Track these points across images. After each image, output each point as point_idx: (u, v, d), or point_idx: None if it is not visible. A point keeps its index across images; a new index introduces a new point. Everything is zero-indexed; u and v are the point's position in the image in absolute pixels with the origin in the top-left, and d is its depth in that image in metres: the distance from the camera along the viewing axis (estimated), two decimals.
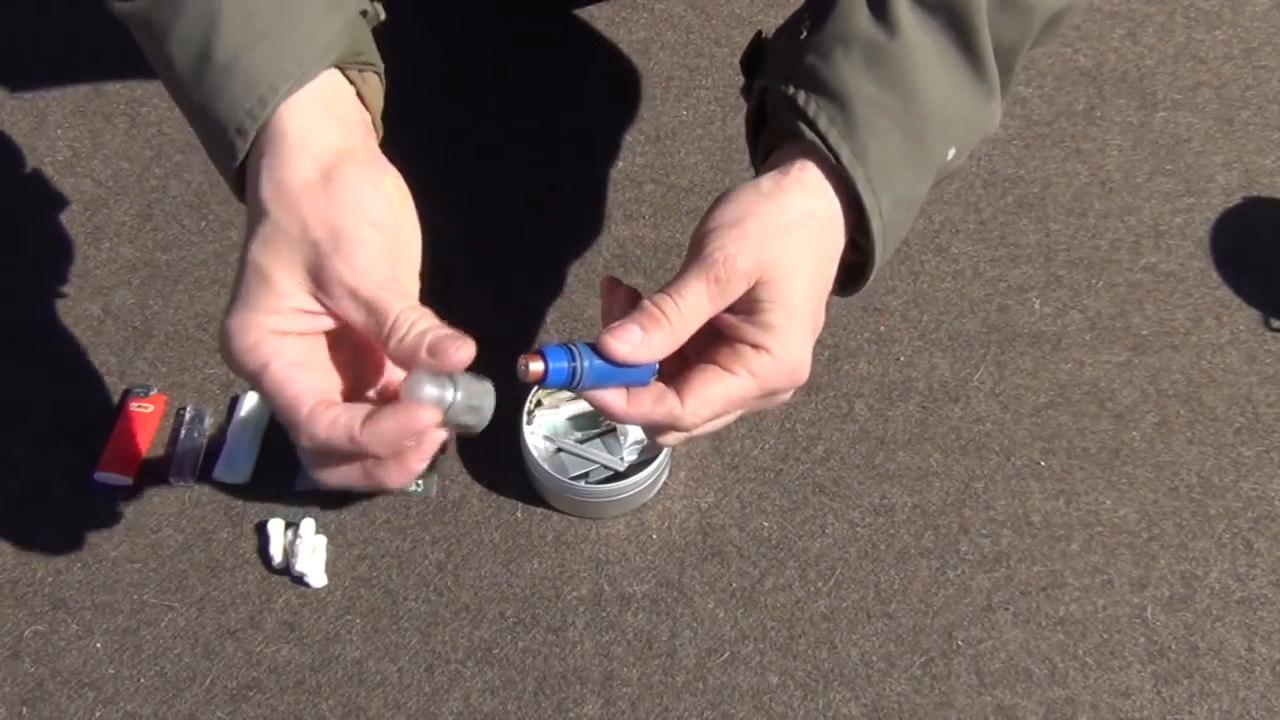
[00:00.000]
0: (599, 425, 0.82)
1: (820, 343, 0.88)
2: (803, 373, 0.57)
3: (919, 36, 0.57)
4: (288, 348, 0.52)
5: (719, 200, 0.57)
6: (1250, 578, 0.81)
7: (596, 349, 0.54)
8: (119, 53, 1.02)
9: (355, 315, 0.52)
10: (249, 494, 0.84)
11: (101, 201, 0.95)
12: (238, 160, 0.55)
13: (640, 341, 0.53)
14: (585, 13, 1.04)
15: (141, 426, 0.85)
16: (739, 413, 0.58)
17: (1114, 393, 0.87)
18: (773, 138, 0.60)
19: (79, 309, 0.91)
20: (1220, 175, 0.96)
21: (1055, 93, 1.00)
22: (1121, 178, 0.96)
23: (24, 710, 0.77)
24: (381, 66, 0.60)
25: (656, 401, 0.55)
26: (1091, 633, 0.79)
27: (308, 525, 0.82)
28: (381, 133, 0.60)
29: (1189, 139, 0.98)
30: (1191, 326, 0.90)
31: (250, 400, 0.86)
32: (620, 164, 0.97)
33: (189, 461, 0.84)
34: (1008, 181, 0.96)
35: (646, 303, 0.55)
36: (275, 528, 0.82)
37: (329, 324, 0.54)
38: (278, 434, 0.85)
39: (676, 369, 0.57)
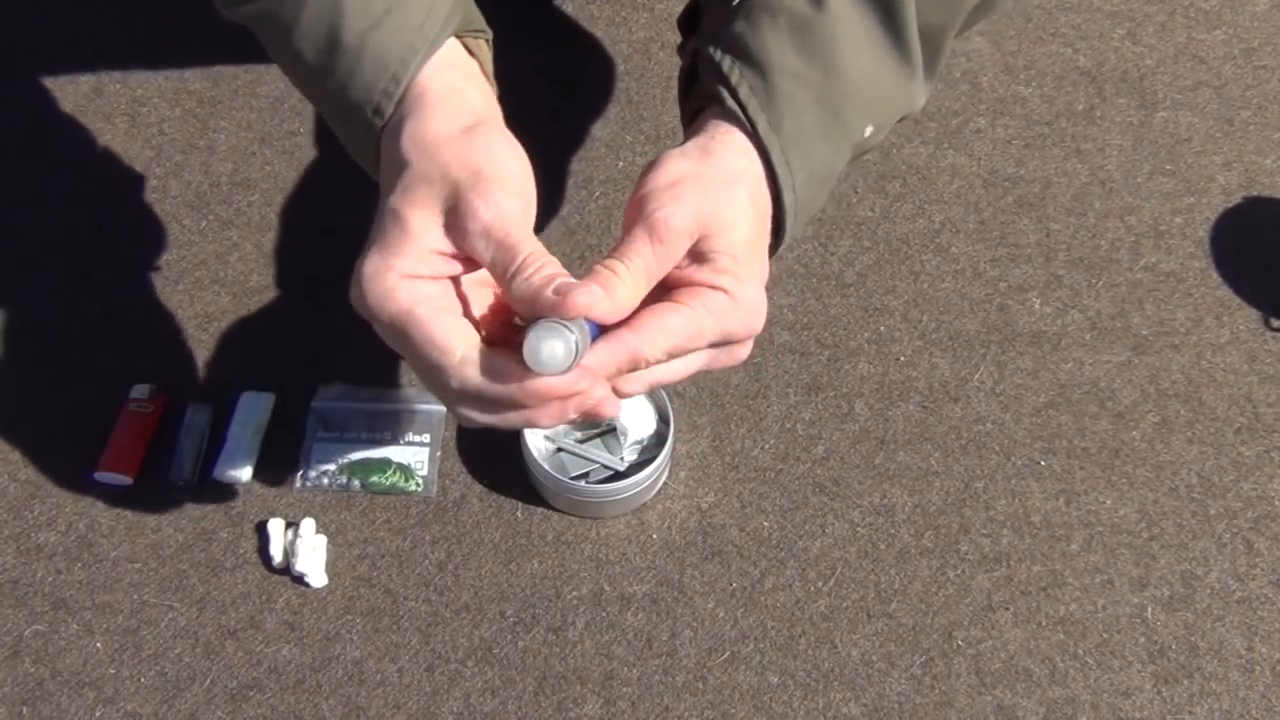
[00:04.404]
0: (599, 425, 0.82)
1: (820, 343, 0.89)
2: (758, 318, 0.56)
3: (846, 12, 0.57)
4: (426, 291, 0.53)
5: (649, 167, 0.57)
6: (1250, 578, 0.81)
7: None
8: (119, 53, 1.02)
9: (485, 253, 0.53)
10: (249, 494, 0.84)
11: (102, 201, 0.95)
12: (378, 134, 0.57)
13: (602, 296, 0.52)
14: (585, 13, 1.04)
15: (141, 426, 0.85)
16: (701, 362, 0.57)
17: (1114, 393, 0.87)
18: (699, 99, 0.60)
19: (79, 309, 0.91)
20: (1220, 175, 0.96)
21: (1055, 93, 1.00)
22: (1121, 178, 0.96)
23: (24, 710, 0.77)
24: (490, 32, 0.62)
25: (611, 340, 0.53)
26: (1091, 633, 0.79)
27: (308, 525, 0.82)
28: (497, 91, 0.61)
29: (1189, 139, 0.98)
30: (1191, 326, 0.90)
31: (250, 400, 0.86)
32: (620, 164, 0.97)
33: (189, 461, 0.84)
34: (1008, 181, 0.96)
35: (597, 266, 0.54)
36: (275, 528, 0.82)
37: (458, 269, 0.54)
38: (278, 434, 0.85)
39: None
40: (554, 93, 1.00)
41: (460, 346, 0.52)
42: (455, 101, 0.57)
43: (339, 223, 0.93)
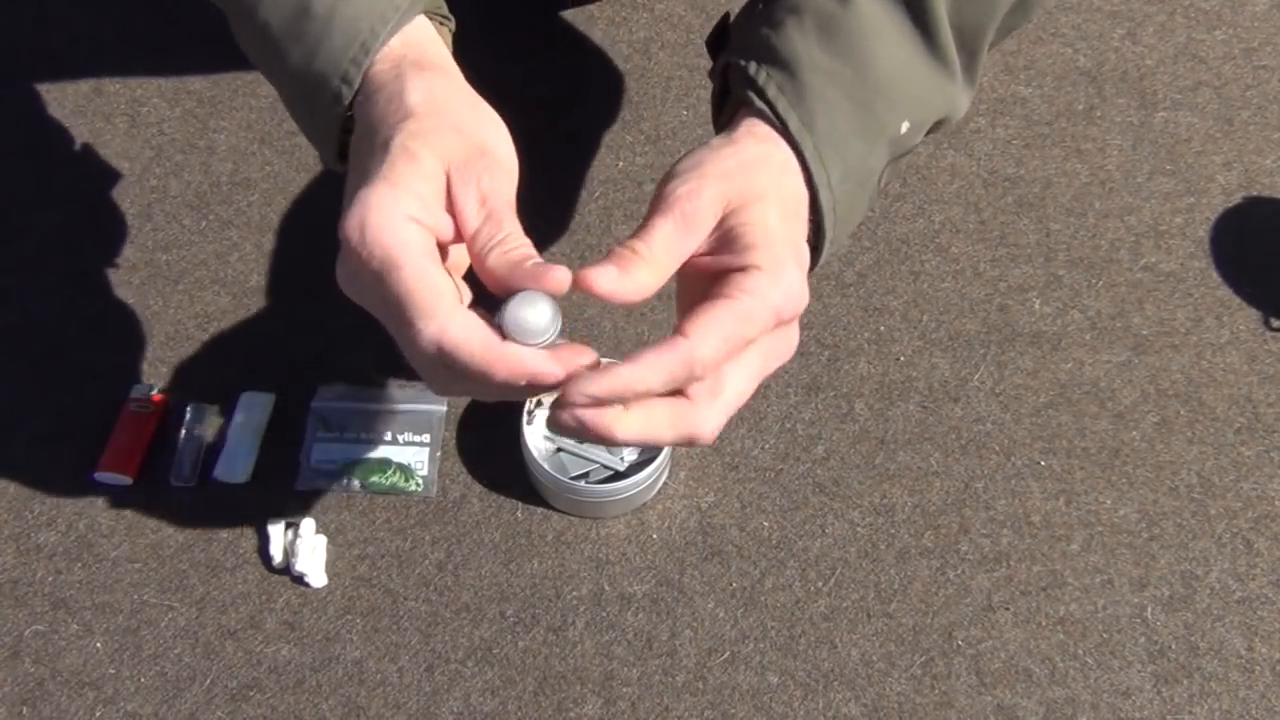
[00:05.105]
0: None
1: (820, 343, 0.89)
2: (800, 293, 0.53)
3: (872, 7, 0.57)
4: (423, 238, 0.51)
5: (673, 164, 0.56)
6: (1250, 578, 0.81)
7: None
8: (119, 53, 1.02)
9: (474, 219, 0.52)
10: (249, 494, 0.84)
11: (102, 201, 0.95)
12: (344, 106, 0.55)
13: (619, 276, 0.51)
14: (585, 13, 1.04)
15: (141, 426, 0.85)
16: (759, 362, 0.53)
17: (1114, 393, 0.87)
18: (731, 111, 0.60)
19: (79, 309, 0.91)
20: (1220, 175, 0.96)
21: (1055, 93, 1.00)
22: (1121, 178, 0.96)
23: (24, 710, 0.77)
24: (454, 21, 0.61)
25: (662, 347, 0.49)
26: (1091, 633, 0.79)
27: (308, 525, 0.82)
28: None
29: (1189, 139, 0.98)
30: (1191, 326, 0.90)
31: (250, 400, 0.86)
32: (620, 164, 0.97)
33: (189, 461, 0.84)
34: (1008, 181, 0.96)
35: (616, 247, 0.52)
36: (275, 528, 0.82)
37: (448, 233, 0.53)
38: (278, 434, 0.85)
39: None
40: (554, 93, 1.00)
41: (448, 299, 0.50)
42: (455, 72, 0.57)
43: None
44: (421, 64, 0.55)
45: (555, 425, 0.51)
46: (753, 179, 0.54)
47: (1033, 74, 1.01)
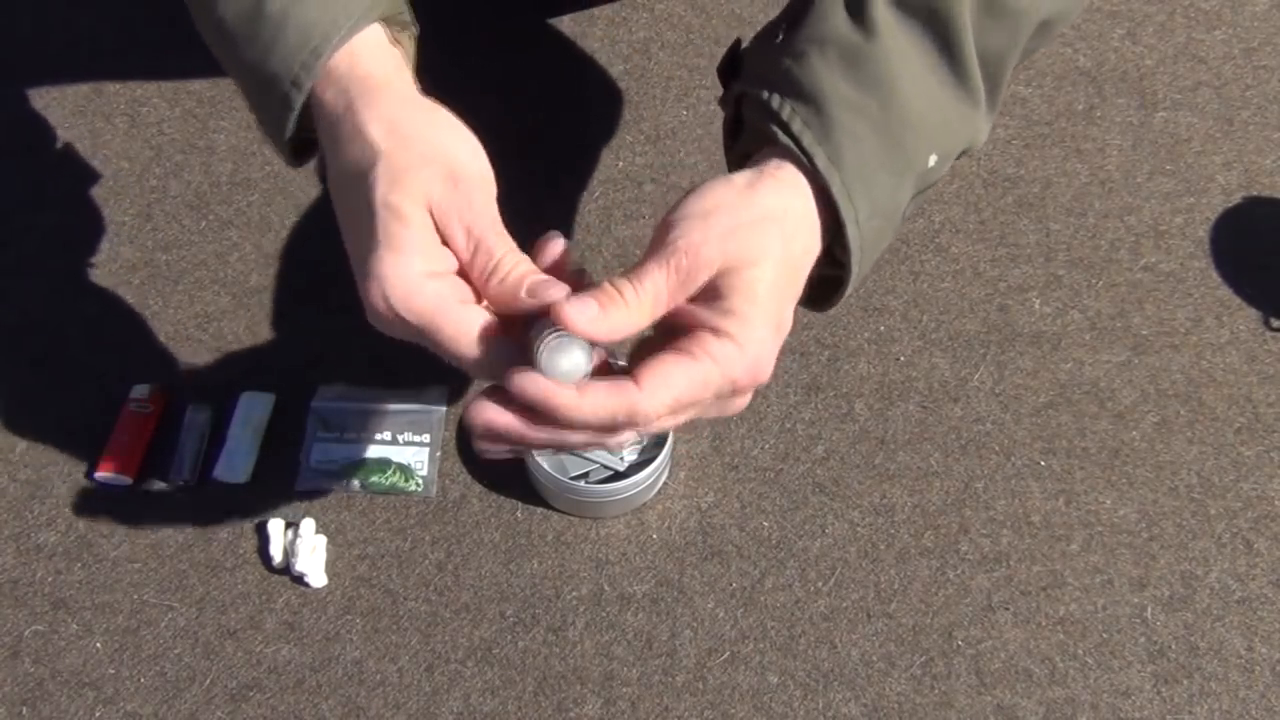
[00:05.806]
0: None
1: (820, 343, 0.89)
2: (765, 367, 0.53)
3: (898, 38, 0.55)
4: (446, 288, 0.52)
5: (689, 192, 0.55)
6: (1250, 578, 0.81)
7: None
8: (119, 53, 1.02)
9: (465, 251, 0.53)
10: (249, 494, 0.84)
11: (101, 201, 0.95)
12: (294, 111, 0.56)
13: (597, 315, 0.51)
14: (585, 13, 1.04)
15: (141, 426, 0.85)
16: (696, 412, 0.54)
17: (1114, 393, 0.87)
18: (748, 144, 0.58)
19: (79, 309, 0.91)
20: (1220, 175, 0.96)
21: (1055, 93, 1.00)
22: (1121, 178, 0.96)
23: (24, 710, 0.77)
24: (418, 28, 0.61)
25: (612, 391, 0.50)
26: (1091, 633, 0.79)
27: (308, 525, 0.82)
28: (420, 87, 0.60)
29: (1189, 139, 0.98)
30: (1191, 326, 0.90)
31: (250, 400, 0.86)
32: (620, 164, 0.97)
33: (189, 461, 0.84)
34: (1008, 181, 0.96)
35: (604, 283, 0.52)
36: (275, 528, 0.82)
37: (453, 263, 0.54)
38: (278, 434, 0.85)
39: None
40: (554, 93, 1.00)
41: (495, 346, 0.52)
42: (404, 84, 0.56)
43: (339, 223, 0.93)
44: (368, 83, 0.55)
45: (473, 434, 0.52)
46: (758, 239, 0.52)
47: (1033, 74, 1.01)
